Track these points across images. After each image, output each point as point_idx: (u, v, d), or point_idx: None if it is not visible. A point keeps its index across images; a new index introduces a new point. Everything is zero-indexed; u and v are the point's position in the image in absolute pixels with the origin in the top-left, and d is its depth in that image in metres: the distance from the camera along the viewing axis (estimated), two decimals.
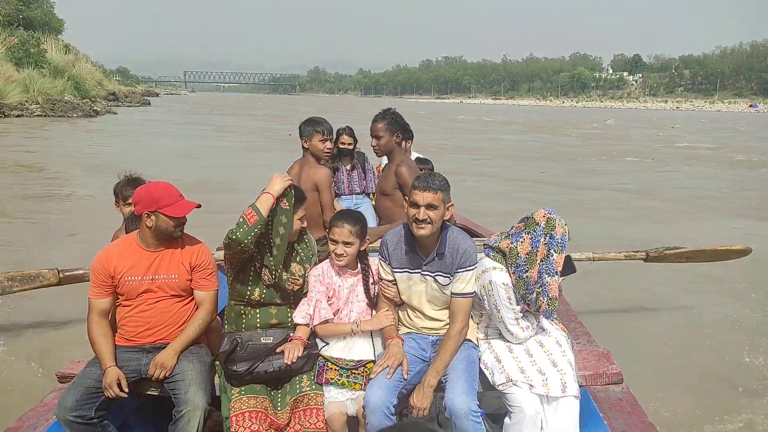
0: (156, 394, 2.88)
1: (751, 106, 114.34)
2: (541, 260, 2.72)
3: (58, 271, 4.20)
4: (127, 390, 2.70)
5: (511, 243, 2.79)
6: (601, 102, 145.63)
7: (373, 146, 4.21)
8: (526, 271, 2.73)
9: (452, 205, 2.81)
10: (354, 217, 2.96)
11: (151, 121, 34.68)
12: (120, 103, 48.45)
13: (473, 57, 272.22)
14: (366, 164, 6.02)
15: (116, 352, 2.81)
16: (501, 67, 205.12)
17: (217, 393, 2.83)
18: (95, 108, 34.94)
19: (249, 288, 2.88)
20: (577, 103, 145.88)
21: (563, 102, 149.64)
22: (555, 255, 2.72)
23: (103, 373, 2.71)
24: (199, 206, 2.89)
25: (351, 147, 5.83)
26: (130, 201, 3.31)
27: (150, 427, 3.15)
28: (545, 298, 2.78)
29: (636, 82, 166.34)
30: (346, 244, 2.88)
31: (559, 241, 2.72)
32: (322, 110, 63.73)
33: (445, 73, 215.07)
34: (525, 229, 2.78)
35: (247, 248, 2.74)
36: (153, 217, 2.79)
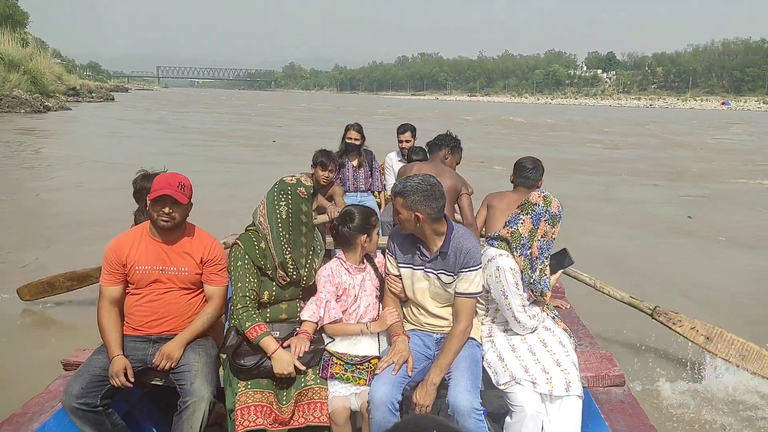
0: (161, 384, 2.89)
1: (723, 103, 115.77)
2: (542, 236, 2.81)
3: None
4: (133, 379, 2.71)
5: (512, 228, 2.85)
6: (576, 99, 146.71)
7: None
8: (530, 248, 2.81)
9: (418, 212, 2.74)
10: (359, 210, 2.98)
11: (102, 119, 32.19)
12: (80, 99, 47.09)
13: (449, 53, 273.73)
14: (374, 162, 6.09)
15: (123, 341, 2.83)
16: (477, 63, 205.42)
17: (222, 385, 2.83)
18: (47, 104, 33.52)
19: (258, 291, 2.85)
20: (552, 100, 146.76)
21: (538, 99, 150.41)
22: (553, 228, 2.84)
23: (109, 361, 2.72)
24: (172, 196, 2.76)
25: (358, 143, 5.91)
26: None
27: (153, 417, 3.16)
28: (546, 278, 2.88)
29: (610, 79, 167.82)
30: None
31: (556, 214, 2.82)
32: (306, 108, 61.32)
33: (421, 69, 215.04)
34: (522, 212, 2.84)
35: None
36: (148, 206, 2.84)
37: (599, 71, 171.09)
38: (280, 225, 2.84)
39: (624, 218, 10.35)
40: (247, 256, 2.82)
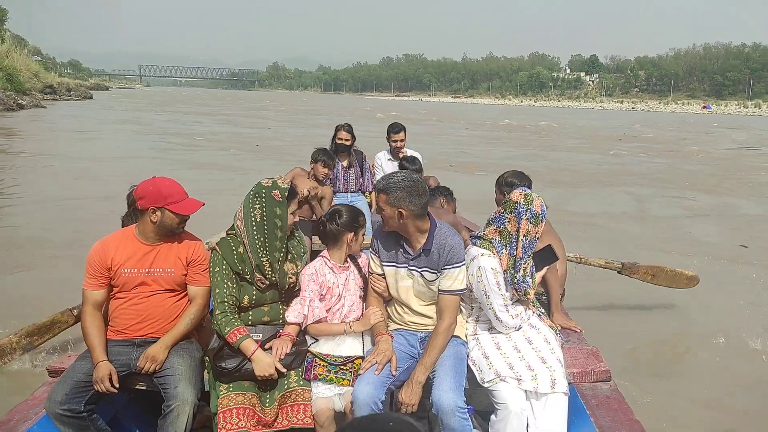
0: (145, 388, 2.87)
1: (704, 107, 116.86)
2: (524, 235, 2.78)
3: (71, 310, 4.26)
4: (117, 385, 2.68)
5: (498, 227, 2.83)
6: (559, 102, 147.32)
7: None
8: (515, 248, 2.79)
9: (401, 209, 2.72)
10: (347, 208, 3.00)
11: (76, 119, 30.95)
12: (57, 97, 46.27)
13: (433, 55, 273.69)
14: (364, 163, 6.08)
15: (107, 346, 2.80)
16: (461, 65, 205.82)
17: (206, 388, 2.83)
18: (20, 102, 32.90)
19: (237, 296, 2.85)
20: (535, 102, 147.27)
21: (521, 101, 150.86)
22: (536, 227, 2.79)
23: (93, 366, 2.70)
24: (203, 204, 2.90)
25: (348, 143, 5.90)
26: None
27: (139, 422, 3.15)
28: (531, 279, 2.88)
29: (593, 82, 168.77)
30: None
31: (538, 212, 2.78)
32: (293, 109, 59.68)
33: (405, 70, 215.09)
34: (505, 211, 2.82)
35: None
36: (159, 213, 2.80)
37: (582, 74, 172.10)
38: (254, 228, 2.82)
39: (667, 245, 8.56)
40: (224, 262, 2.83)
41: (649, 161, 20.42)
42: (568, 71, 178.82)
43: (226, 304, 2.79)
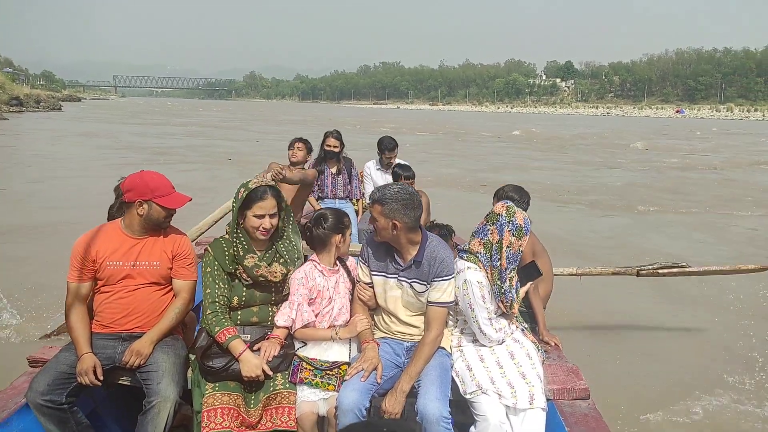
0: (128, 384, 2.86)
1: (677, 111, 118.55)
2: (507, 246, 2.79)
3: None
4: (101, 378, 2.68)
5: (482, 239, 2.85)
6: (536, 108, 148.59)
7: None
8: (499, 259, 2.80)
9: (395, 221, 2.73)
10: (332, 211, 3.03)
11: (39, 131, 29.29)
12: (24, 109, 45.43)
13: (410, 62, 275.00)
14: (352, 170, 6.07)
15: (92, 339, 2.80)
16: (438, 72, 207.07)
17: (189, 386, 2.82)
18: None
19: (228, 296, 2.87)
20: (512, 108, 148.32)
21: (498, 108, 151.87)
22: (519, 240, 2.80)
23: (78, 358, 2.70)
24: (190, 199, 2.95)
25: (337, 150, 5.89)
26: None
27: (118, 417, 3.13)
28: (516, 292, 2.88)
29: (568, 88, 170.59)
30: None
31: (521, 225, 2.79)
32: (273, 119, 58.15)
33: (383, 78, 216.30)
34: (488, 223, 2.84)
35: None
36: (146, 206, 2.81)
37: (558, 80, 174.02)
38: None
39: None
40: (216, 263, 2.84)
41: (697, 175, 17.61)
42: (544, 77, 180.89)
43: (217, 304, 2.79)
